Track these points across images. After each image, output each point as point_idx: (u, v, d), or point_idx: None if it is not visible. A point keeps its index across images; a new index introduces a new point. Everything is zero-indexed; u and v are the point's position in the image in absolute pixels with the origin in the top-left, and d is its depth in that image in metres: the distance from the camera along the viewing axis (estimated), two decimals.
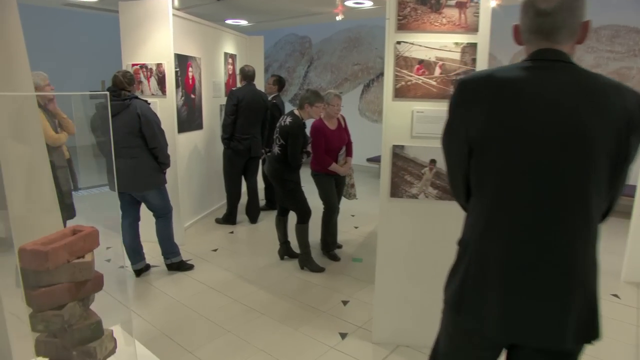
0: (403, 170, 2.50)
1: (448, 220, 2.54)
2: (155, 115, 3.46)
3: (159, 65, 4.13)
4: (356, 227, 5.19)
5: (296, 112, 3.78)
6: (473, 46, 2.33)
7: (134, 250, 3.71)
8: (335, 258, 4.18)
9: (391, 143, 2.49)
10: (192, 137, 5.06)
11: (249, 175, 5.16)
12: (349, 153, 4.22)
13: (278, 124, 3.80)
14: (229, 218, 5.16)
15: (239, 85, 5.14)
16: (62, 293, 1.44)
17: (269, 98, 5.34)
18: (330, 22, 8.97)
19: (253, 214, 5.24)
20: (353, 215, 5.59)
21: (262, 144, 5.14)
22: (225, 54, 5.86)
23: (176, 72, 4.52)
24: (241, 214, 5.29)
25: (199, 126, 5.19)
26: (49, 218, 2.02)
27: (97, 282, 1.56)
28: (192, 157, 5.12)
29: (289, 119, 3.71)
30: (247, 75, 4.91)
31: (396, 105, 2.45)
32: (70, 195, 3.82)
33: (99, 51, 8.84)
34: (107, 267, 4.01)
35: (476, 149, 1.24)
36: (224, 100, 5.51)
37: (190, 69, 4.86)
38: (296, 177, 3.83)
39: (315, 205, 4.04)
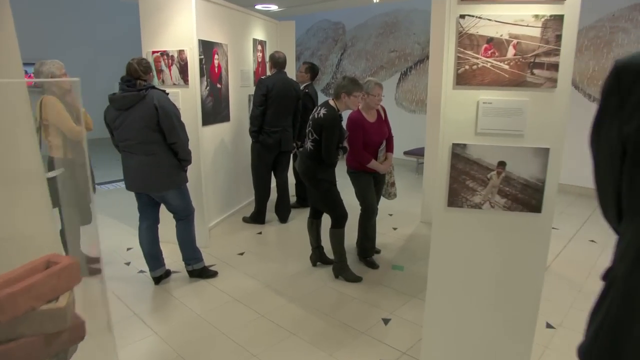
0: (464, 174, 2.04)
1: (518, 236, 2.08)
2: (175, 106, 3.10)
3: (180, 52, 3.77)
4: (395, 229, 4.74)
5: (331, 102, 3.35)
6: (558, 19, 1.84)
7: (152, 256, 3.40)
8: (373, 265, 3.76)
9: (450, 141, 2.03)
10: (218, 130, 4.71)
11: (279, 171, 4.78)
12: (389, 148, 3.76)
13: (311, 116, 3.38)
14: (257, 217, 4.81)
15: (268, 73, 4.75)
16: (26, 350, 1.08)
17: (301, 87, 4.93)
18: (365, 7, 8.46)
19: (283, 213, 4.87)
20: (391, 215, 5.14)
21: (293, 137, 4.75)
22: (254, 40, 5.47)
23: (200, 60, 4.16)
24: (270, 213, 4.93)
25: (225, 118, 4.84)
26: (41, 238, 1.67)
27: (77, 332, 1.19)
28: (218, 151, 4.77)
29: (323, 111, 3.28)
30: (277, 62, 4.50)
31: (457, 95, 1.98)
32: (89, 197, 3.53)
33: (130, 39, 8.64)
34: (126, 271, 3.72)
35: (632, 154, 0.91)
36: (252, 90, 5.13)
37: (216, 56, 4.50)
38: (331, 176, 3.41)
39: (351, 204, 3.62)
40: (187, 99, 3.85)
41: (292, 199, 5.29)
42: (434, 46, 4.64)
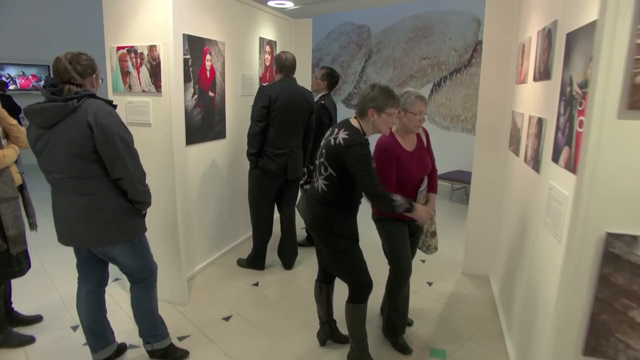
0: (628, 296, 1.00)
1: None
2: (122, 126, 2.11)
3: (152, 48, 2.80)
4: (430, 284, 3.67)
5: (354, 122, 2.32)
6: None
7: (95, 332, 2.40)
8: (404, 350, 2.69)
9: (602, 228, 0.99)
10: (208, 150, 3.73)
11: (284, 205, 3.77)
12: (432, 187, 2.73)
13: (324, 142, 2.35)
14: (255, 261, 3.80)
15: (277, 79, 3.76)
16: None
17: (316, 98, 3.94)
18: (393, 8, 7.45)
19: (288, 257, 3.84)
20: (423, 261, 4.08)
21: (304, 162, 3.74)
22: (262, 39, 4.51)
23: (185, 60, 3.21)
24: (272, 255, 3.92)
25: (219, 134, 3.86)
26: None
27: None
28: (209, 176, 3.79)
29: (343, 134, 2.25)
30: (284, 65, 3.51)
31: (628, 129, 0.95)
32: (23, 240, 2.58)
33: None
34: (67, 341, 2.75)
35: None
36: None
37: (208, 56, 3.54)
38: (352, 228, 2.37)
39: (377, 254, 2.59)
40: (158, 112, 2.88)
41: (301, 232, 4.27)
42: (488, 50, 3.58)
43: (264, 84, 3.52)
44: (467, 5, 6.64)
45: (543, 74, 2.41)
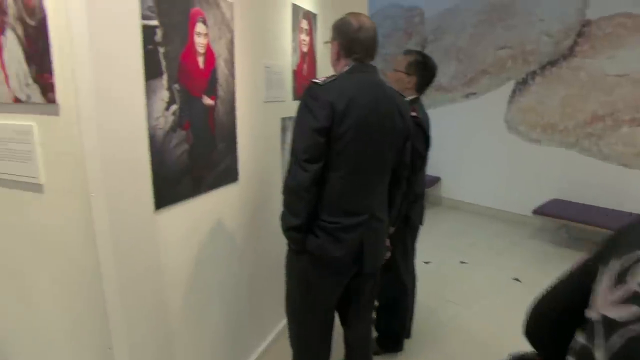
0: None
1: None
2: None
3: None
4: None
5: None
6: None
7: None
8: None
9: None
10: (200, 211, 1.92)
11: (353, 315, 1.93)
12: None
13: None
14: None
15: (325, 74, 1.90)
16: None
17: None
18: None
19: None
20: None
21: (391, 225, 1.92)
22: (296, 8, 2.70)
23: (148, 31, 1.42)
24: None
25: (226, 177, 2.05)
26: None
27: None
28: (204, 256, 1.98)
29: None
30: (356, 41, 1.65)
31: None
32: None
33: None
34: None
35: None
36: (291, 109, 2.40)
37: (199, 27, 1.75)
38: None
39: None
40: (57, 153, 1.09)
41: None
42: None
43: (316, 81, 1.68)
44: None
45: None
